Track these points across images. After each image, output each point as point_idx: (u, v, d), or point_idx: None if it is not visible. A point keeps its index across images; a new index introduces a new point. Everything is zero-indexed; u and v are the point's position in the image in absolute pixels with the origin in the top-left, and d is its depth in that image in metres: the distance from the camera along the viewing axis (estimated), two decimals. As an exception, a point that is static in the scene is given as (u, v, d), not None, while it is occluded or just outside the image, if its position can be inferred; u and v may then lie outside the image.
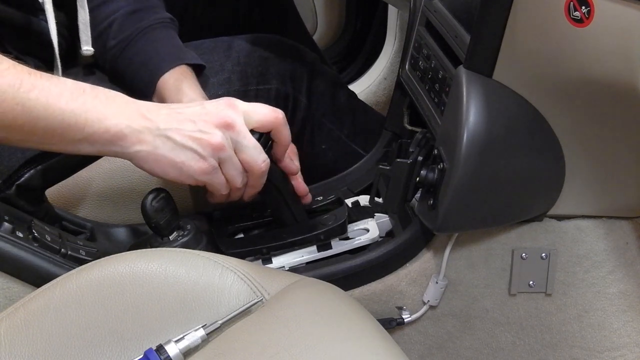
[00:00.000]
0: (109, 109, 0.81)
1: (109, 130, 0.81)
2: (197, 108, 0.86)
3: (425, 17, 1.03)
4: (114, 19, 1.09)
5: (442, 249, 0.93)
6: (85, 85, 0.82)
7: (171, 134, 0.83)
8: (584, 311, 0.96)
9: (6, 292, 0.83)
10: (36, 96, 0.78)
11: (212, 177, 0.85)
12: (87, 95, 0.81)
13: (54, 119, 0.79)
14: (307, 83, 1.18)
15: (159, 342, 0.68)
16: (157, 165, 0.84)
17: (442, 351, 0.98)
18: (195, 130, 0.83)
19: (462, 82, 0.82)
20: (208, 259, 0.75)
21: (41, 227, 0.87)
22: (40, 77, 0.79)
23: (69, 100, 0.79)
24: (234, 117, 0.85)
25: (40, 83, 0.79)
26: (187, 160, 0.84)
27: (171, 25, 1.12)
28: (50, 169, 0.92)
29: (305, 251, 0.95)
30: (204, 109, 0.86)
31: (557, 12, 0.72)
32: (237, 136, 0.85)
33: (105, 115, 0.81)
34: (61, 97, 0.79)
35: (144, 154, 0.83)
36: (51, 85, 0.79)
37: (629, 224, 0.94)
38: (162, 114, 0.84)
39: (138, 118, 0.82)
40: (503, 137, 0.83)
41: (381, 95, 1.66)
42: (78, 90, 0.81)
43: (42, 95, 0.78)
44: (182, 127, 0.83)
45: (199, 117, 0.84)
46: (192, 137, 0.83)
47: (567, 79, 0.78)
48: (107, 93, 0.83)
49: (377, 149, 1.14)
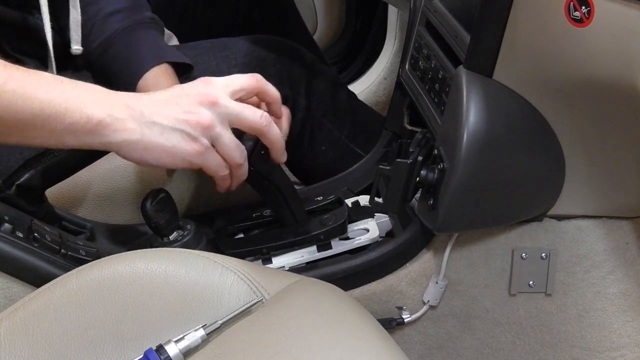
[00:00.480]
0: (89, 98, 0.79)
1: (90, 119, 0.78)
2: (176, 90, 0.85)
3: (425, 17, 1.03)
4: (95, 20, 1.08)
5: (442, 249, 0.93)
6: (63, 78, 0.80)
7: (157, 118, 0.81)
8: (584, 311, 0.96)
9: (6, 292, 0.83)
10: (13, 88, 0.76)
11: (207, 158, 0.83)
12: (66, 85, 0.79)
13: (32, 110, 0.77)
14: (306, 84, 1.18)
15: (159, 342, 0.68)
16: (148, 152, 0.81)
17: (442, 351, 0.98)
18: (181, 112, 0.81)
19: (462, 82, 0.82)
20: (208, 259, 0.75)
21: (41, 227, 0.87)
22: (17, 69, 0.78)
23: (47, 91, 0.77)
24: (215, 93, 0.83)
25: (16, 75, 0.77)
26: (179, 143, 0.81)
27: (152, 25, 1.11)
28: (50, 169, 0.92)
29: (305, 251, 0.95)
30: (183, 90, 0.84)
31: (557, 12, 0.72)
32: (224, 109, 0.83)
33: (85, 103, 0.78)
34: (39, 87, 0.77)
35: (132, 143, 0.80)
36: (28, 77, 0.78)
37: (629, 224, 0.94)
38: (144, 99, 0.82)
39: (120, 106, 0.80)
40: (503, 137, 0.83)
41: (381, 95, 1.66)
42: (56, 81, 0.79)
43: (19, 86, 0.76)
44: (167, 110, 0.81)
45: (181, 99, 0.82)
46: (179, 119, 0.81)
47: (567, 79, 0.78)
48: (85, 84, 0.81)
49: (377, 149, 1.14)
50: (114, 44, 1.07)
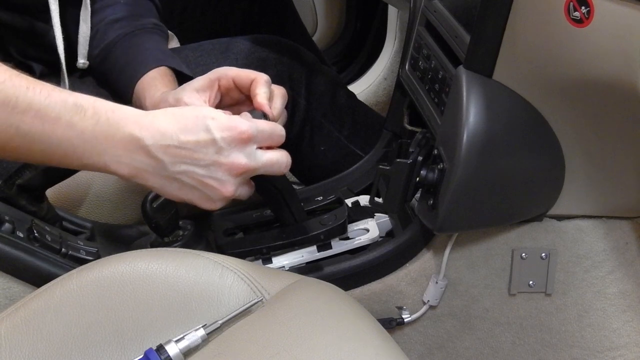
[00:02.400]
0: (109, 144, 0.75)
1: (107, 167, 0.76)
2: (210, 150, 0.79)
3: (425, 17, 1.03)
4: (98, 28, 1.09)
5: (442, 249, 0.93)
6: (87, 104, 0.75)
7: (180, 177, 0.79)
8: (584, 311, 0.96)
9: (6, 292, 0.83)
10: (31, 120, 0.72)
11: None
12: (87, 120, 0.74)
13: (50, 145, 0.74)
14: (306, 84, 1.18)
15: (159, 342, 0.68)
16: (161, 192, 0.81)
17: (442, 351, 0.98)
18: (207, 177, 0.79)
19: (462, 82, 0.82)
20: (208, 259, 0.75)
21: (41, 227, 0.87)
22: (40, 92, 0.73)
23: (66, 128, 0.73)
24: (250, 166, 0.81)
25: (37, 102, 0.72)
26: (195, 199, 0.81)
27: (155, 31, 1.11)
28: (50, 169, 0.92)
29: (305, 251, 0.95)
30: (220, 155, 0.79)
31: (557, 13, 0.72)
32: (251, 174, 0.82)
33: (105, 150, 0.75)
34: (58, 122, 0.73)
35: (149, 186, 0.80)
36: (49, 106, 0.73)
37: (629, 224, 0.94)
38: (169, 153, 0.77)
39: (141, 156, 0.76)
40: (503, 137, 0.83)
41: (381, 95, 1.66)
42: (78, 113, 0.74)
43: (38, 119, 0.72)
44: (193, 170, 0.79)
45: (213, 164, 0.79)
46: (203, 182, 0.79)
47: (567, 79, 0.78)
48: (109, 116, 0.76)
49: (377, 149, 1.14)
50: (115, 48, 1.07)
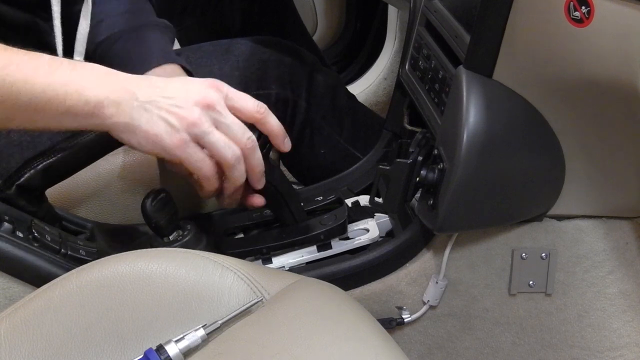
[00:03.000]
0: (88, 80, 0.81)
1: (88, 102, 0.80)
2: (178, 84, 0.86)
3: (425, 17, 1.03)
4: (104, 17, 1.09)
5: (442, 249, 0.93)
6: (62, 59, 0.82)
7: (148, 106, 0.82)
8: (584, 311, 0.96)
9: (6, 292, 0.83)
10: (13, 71, 0.77)
11: (185, 151, 0.84)
12: (65, 67, 0.81)
13: (34, 93, 0.78)
14: (306, 85, 1.18)
15: (159, 342, 0.68)
16: (133, 137, 0.83)
17: (442, 351, 0.98)
18: (172, 105, 0.83)
19: (462, 82, 0.82)
20: (208, 259, 0.75)
21: (41, 227, 0.87)
22: (17, 53, 0.79)
23: (47, 74, 0.79)
24: (214, 98, 0.84)
25: (16, 58, 0.79)
26: (160, 132, 0.82)
27: (166, 31, 1.11)
28: (50, 169, 0.92)
29: (305, 251, 0.95)
30: (185, 85, 0.85)
31: (557, 12, 0.72)
32: (217, 115, 0.84)
33: (84, 87, 0.80)
34: (38, 70, 0.79)
35: (121, 126, 0.82)
36: (28, 60, 0.79)
37: (629, 224, 0.94)
38: (143, 85, 0.83)
39: (117, 89, 0.82)
40: (503, 137, 0.83)
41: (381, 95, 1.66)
42: (55, 63, 0.81)
43: (19, 70, 0.78)
44: (160, 100, 0.83)
45: (179, 93, 0.84)
46: (168, 110, 0.83)
47: (567, 79, 0.78)
48: (85, 65, 0.83)
49: (377, 149, 1.14)
50: (124, 38, 1.07)
